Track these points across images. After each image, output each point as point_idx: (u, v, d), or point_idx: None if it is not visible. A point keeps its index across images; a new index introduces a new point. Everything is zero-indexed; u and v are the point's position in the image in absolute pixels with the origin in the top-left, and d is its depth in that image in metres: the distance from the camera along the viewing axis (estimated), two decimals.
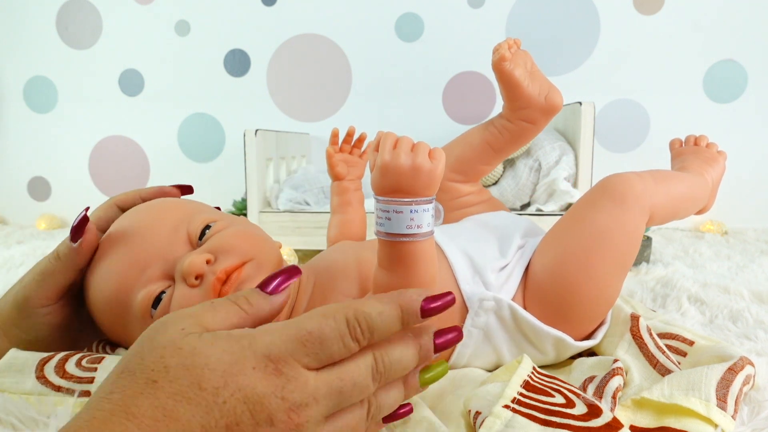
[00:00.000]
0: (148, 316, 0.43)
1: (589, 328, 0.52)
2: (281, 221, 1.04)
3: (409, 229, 0.38)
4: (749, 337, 0.59)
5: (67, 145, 1.61)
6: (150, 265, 0.43)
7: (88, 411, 0.27)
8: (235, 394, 0.27)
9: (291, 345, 0.29)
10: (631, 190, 0.50)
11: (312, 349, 0.30)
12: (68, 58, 1.56)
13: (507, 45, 0.57)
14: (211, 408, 0.27)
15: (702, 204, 0.63)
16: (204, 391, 0.27)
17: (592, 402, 0.37)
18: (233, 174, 1.50)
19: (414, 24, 1.43)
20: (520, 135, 0.61)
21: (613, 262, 0.49)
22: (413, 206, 0.38)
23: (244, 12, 1.48)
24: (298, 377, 0.29)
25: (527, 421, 0.35)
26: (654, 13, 1.36)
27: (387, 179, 0.38)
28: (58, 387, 0.42)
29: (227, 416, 0.27)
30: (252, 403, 0.27)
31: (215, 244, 0.44)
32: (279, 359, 0.29)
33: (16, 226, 1.60)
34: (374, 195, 0.39)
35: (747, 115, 1.37)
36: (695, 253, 1.08)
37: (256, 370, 0.28)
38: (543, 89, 0.59)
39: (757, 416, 0.41)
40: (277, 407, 0.28)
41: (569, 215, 0.53)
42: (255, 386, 0.28)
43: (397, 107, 1.47)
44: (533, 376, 0.41)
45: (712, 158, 0.66)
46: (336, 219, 0.68)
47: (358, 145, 0.72)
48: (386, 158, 0.38)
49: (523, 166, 1.07)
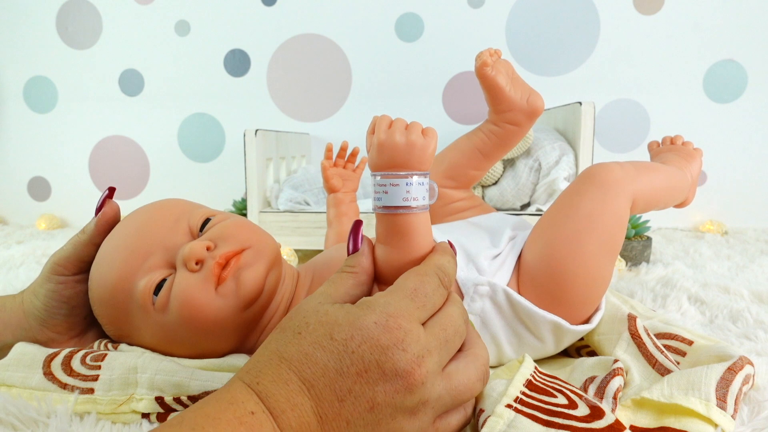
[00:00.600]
0: (150, 302, 0.44)
1: (585, 313, 0.53)
2: (281, 221, 1.04)
3: (405, 201, 0.40)
4: (749, 337, 0.59)
5: (67, 145, 1.61)
6: (152, 254, 0.45)
7: (252, 358, 0.33)
8: (362, 344, 0.32)
9: (403, 302, 0.34)
10: (612, 176, 0.53)
11: (421, 302, 0.35)
12: (68, 58, 1.56)
13: (488, 52, 0.60)
14: (342, 356, 0.32)
15: (683, 196, 0.65)
16: (335, 341, 0.32)
17: (594, 403, 0.37)
18: (233, 174, 1.50)
19: (414, 24, 1.43)
20: (506, 138, 0.65)
21: (601, 244, 0.51)
22: (409, 179, 0.40)
23: (244, 12, 1.48)
24: (413, 330, 0.33)
25: (530, 421, 0.35)
26: (654, 13, 1.36)
27: (383, 155, 0.40)
28: (64, 384, 0.43)
29: (357, 364, 0.32)
30: (378, 353, 0.32)
31: (215, 233, 0.46)
32: (396, 314, 0.33)
33: (16, 226, 1.60)
34: (371, 173, 0.41)
35: (747, 115, 1.37)
36: (695, 253, 1.08)
37: (378, 324, 0.33)
38: (524, 93, 0.62)
39: (757, 416, 0.41)
40: (401, 358, 0.32)
41: (557, 204, 0.55)
42: (379, 338, 0.32)
43: (397, 107, 1.47)
44: (536, 375, 0.41)
45: (689, 155, 0.69)
46: (332, 231, 0.71)
47: (352, 159, 0.76)
48: (382, 137, 0.40)
49: (523, 166, 1.07)
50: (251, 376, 0.32)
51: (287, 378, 0.31)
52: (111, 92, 1.56)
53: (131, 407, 0.42)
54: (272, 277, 0.47)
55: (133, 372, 0.43)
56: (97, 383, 0.43)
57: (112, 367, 0.43)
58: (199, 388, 0.42)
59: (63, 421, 0.39)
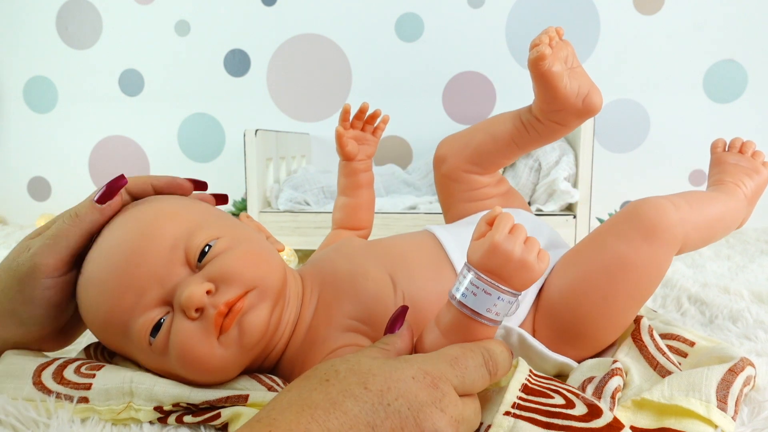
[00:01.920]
0: (147, 343, 0.41)
1: (595, 353, 0.51)
2: (281, 221, 1.04)
3: (488, 313, 0.38)
4: (749, 337, 0.59)
5: (67, 145, 1.61)
6: (147, 290, 0.41)
7: (267, 406, 0.30)
8: (399, 398, 0.29)
9: (442, 365, 0.33)
10: (664, 221, 0.46)
11: (460, 371, 0.33)
12: (68, 58, 1.56)
13: (549, 38, 0.51)
14: (376, 408, 0.29)
15: (736, 225, 0.58)
16: (369, 391, 0.29)
17: (591, 402, 0.37)
18: (233, 174, 1.49)
19: (414, 24, 1.43)
20: (549, 135, 0.58)
21: (632, 296, 0.47)
22: (502, 295, 0.37)
23: (244, 12, 1.48)
24: (451, 393, 0.31)
25: (529, 425, 0.35)
26: (654, 13, 1.36)
27: (493, 259, 0.37)
28: (57, 394, 0.42)
29: (392, 418, 0.29)
30: (415, 410, 0.29)
31: (216, 270, 0.41)
32: (434, 374, 0.31)
33: (16, 226, 1.60)
34: (467, 264, 0.39)
35: (747, 115, 1.37)
36: (695, 253, 1.08)
37: (416, 380, 0.31)
38: (582, 89, 0.54)
39: (757, 417, 0.41)
40: (440, 418, 0.30)
41: (592, 240, 0.50)
42: (417, 394, 0.30)
43: (397, 107, 1.47)
44: (531, 378, 0.40)
45: (754, 169, 0.61)
46: (343, 201, 0.64)
47: (371, 121, 0.66)
48: (500, 239, 0.37)
49: (523, 166, 1.07)
50: (262, 425, 0.28)
51: (308, 428, 0.27)
52: (111, 92, 1.56)
53: (130, 415, 0.41)
54: (277, 314, 0.44)
55: (129, 382, 0.42)
56: (89, 392, 0.42)
57: (106, 377, 0.42)
58: (200, 398, 0.42)
59: (64, 423, 0.39)
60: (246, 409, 0.41)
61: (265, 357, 0.47)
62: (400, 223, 1.01)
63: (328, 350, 0.44)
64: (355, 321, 0.46)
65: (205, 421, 0.41)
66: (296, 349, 0.47)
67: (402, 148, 1.49)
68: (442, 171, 0.63)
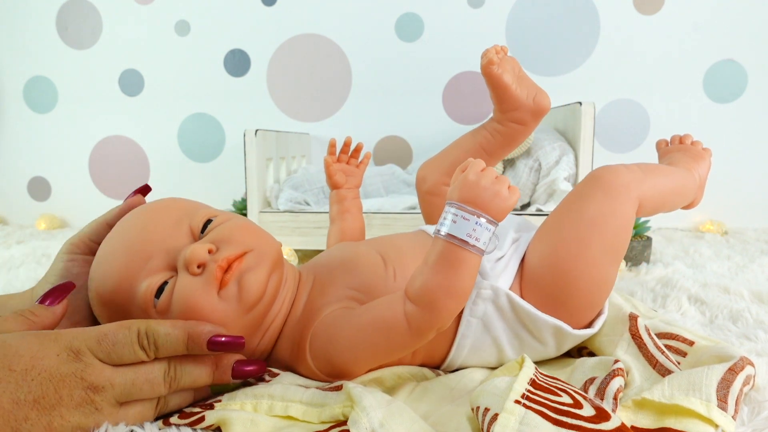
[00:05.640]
0: (151, 306, 0.44)
1: (587, 317, 0.53)
2: (281, 221, 1.04)
3: (468, 237, 0.41)
4: (749, 337, 0.59)
5: (67, 145, 1.61)
6: (153, 257, 0.44)
7: None
8: (42, 373, 0.34)
9: (89, 341, 0.37)
10: (619, 180, 0.52)
11: (105, 348, 0.37)
12: (68, 58, 1.56)
13: (494, 50, 0.59)
14: (20, 384, 0.34)
15: (690, 198, 0.64)
16: (14, 372, 0.34)
17: (598, 404, 0.37)
18: (233, 174, 1.50)
19: (414, 24, 1.43)
20: (511, 137, 0.64)
21: (606, 249, 0.51)
22: (479, 219, 0.41)
23: (244, 12, 1.48)
24: (94, 365, 0.36)
25: (540, 419, 0.35)
26: (654, 13, 1.36)
27: (467, 192, 0.42)
28: None
29: (34, 391, 0.34)
30: (56, 381, 0.35)
31: (217, 235, 0.46)
32: (78, 350, 0.36)
33: (16, 226, 1.60)
34: (447, 201, 0.43)
35: (747, 115, 1.37)
36: (695, 253, 1.08)
37: (59, 356, 0.36)
38: (531, 92, 0.61)
39: (758, 416, 0.41)
40: (77, 384, 0.35)
41: (561, 207, 0.55)
42: (58, 368, 0.35)
43: (397, 107, 1.47)
44: (537, 375, 0.41)
45: (698, 155, 0.68)
46: (335, 228, 0.70)
47: (355, 155, 0.75)
48: (472, 177, 0.42)
49: (523, 166, 1.07)
50: None
51: None
52: (111, 92, 1.56)
53: None
54: (274, 279, 0.47)
55: None
56: None
57: None
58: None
59: None
60: (235, 414, 0.40)
61: (262, 335, 0.49)
62: (400, 223, 1.01)
63: (321, 317, 0.48)
64: (352, 290, 0.51)
65: (192, 424, 0.41)
66: (293, 325, 0.50)
67: (402, 148, 1.49)
68: (425, 189, 0.68)
